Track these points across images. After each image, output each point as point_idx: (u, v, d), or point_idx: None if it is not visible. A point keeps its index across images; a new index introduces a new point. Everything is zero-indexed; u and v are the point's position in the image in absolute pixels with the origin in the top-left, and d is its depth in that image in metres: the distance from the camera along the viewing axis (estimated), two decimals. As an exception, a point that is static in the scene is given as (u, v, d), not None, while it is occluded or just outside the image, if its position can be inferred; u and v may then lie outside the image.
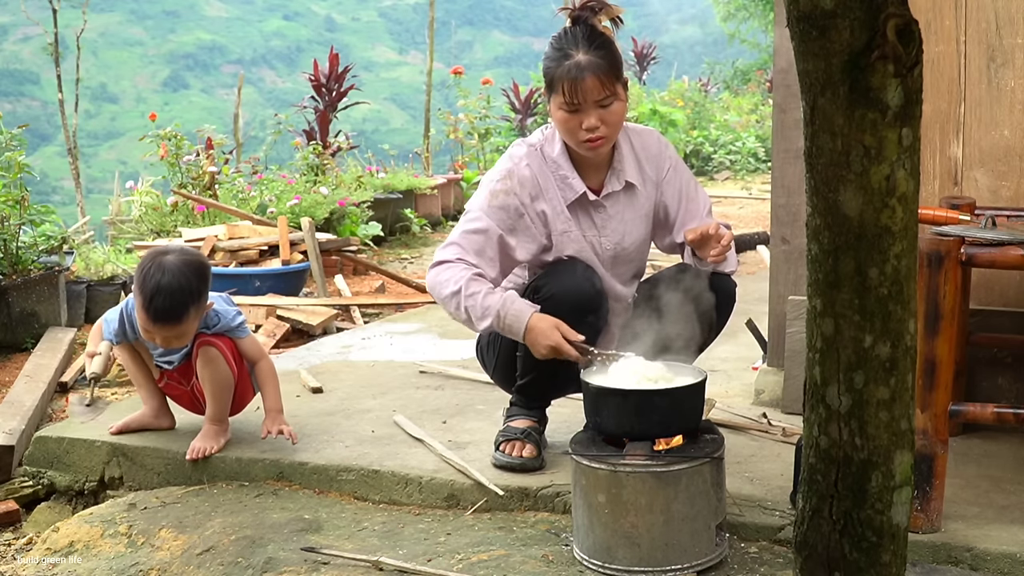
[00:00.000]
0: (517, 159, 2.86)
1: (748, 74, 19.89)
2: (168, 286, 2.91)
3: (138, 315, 2.99)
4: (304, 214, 7.12)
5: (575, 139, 2.78)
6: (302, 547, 2.54)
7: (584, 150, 2.80)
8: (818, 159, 1.43)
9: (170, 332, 2.97)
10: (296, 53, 44.30)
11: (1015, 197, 3.00)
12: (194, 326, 3.02)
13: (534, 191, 2.83)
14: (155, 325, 2.95)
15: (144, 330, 3.00)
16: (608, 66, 2.73)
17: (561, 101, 2.74)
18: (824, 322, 1.49)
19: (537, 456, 2.88)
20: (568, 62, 2.73)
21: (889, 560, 1.53)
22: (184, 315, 2.95)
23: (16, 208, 5.33)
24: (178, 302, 2.92)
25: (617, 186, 2.89)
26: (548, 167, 2.86)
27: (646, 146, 2.94)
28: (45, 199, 9.95)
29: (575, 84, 2.71)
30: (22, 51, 38.45)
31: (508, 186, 2.82)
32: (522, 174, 2.84)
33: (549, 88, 2.79)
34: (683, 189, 2.95)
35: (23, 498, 3.31)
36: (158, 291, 2.90)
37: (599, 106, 2.73)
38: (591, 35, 2.76)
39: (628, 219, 2.92)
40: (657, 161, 2.94)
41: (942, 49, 3.03)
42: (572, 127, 2.76)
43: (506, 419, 2.98)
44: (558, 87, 2.74)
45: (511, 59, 46.18)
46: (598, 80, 2.71)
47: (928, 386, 2.41)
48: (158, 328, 2.95)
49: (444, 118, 12.03)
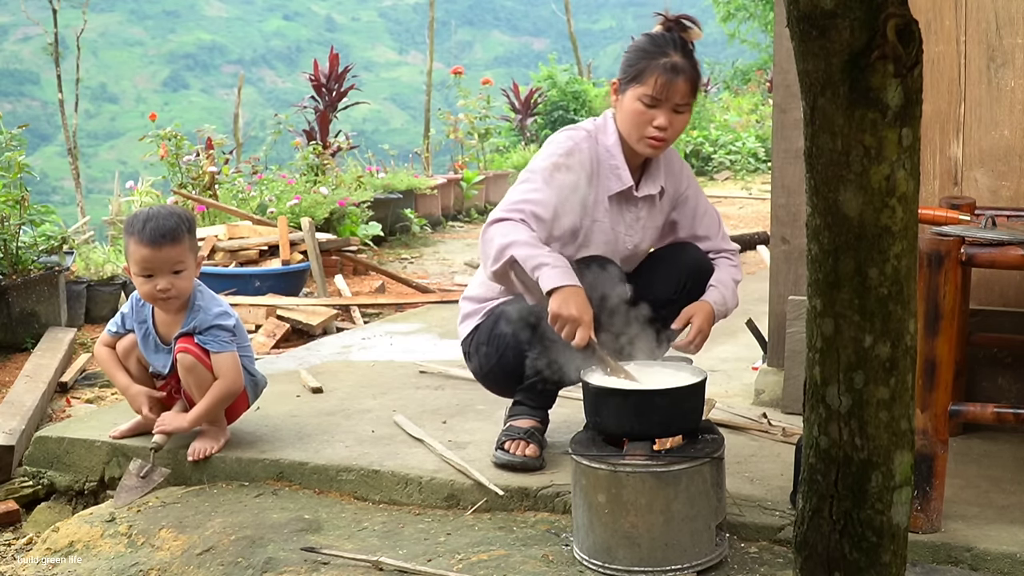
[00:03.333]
0: (578, 139, 2.90)
1: (748, 74, 19.91)
2: (158, 212, 2.99)
3: (134, 256, 2.95)
4: (304, 214, 7.12)
5: (640, 133, 2.83)
6: (302, 547, 2.54)
7: (642, 147, 2.86)
8: (818, 159, 1.43)
9: (170, 255, 2.94)
10: (296, 53, 44.34)
11: (1015, 197, 3.00)
12: (192, 263, 3.01)
13: (589, 174, 2.88)
14: (152, 247, 2.92)
15: (143, 267, 2.95)
16: (697, 77, 2.84)
17: (644, 93, 2.80)
18: (824, 322, 1.49)
19: (539, 456, 2.89)
20: (666, 59, 2.79)
21: (889, 560, 1.53)
22: (180, 235, 2.95)
23: (16, 208, 5.33)
24: (171, 223, 2.95)
25: (653, 189, 2.96)
26: (601, 154, 2.91)
27: (670, 162, 3.04)
28: (45, 199, 9.96)
29: (668, 82, 2.78)
30: (22, 51, 38.47)
31: (570, 162, 2.85)
32: (583, 155, 2.88)
33: (633, 78, 2.82)
34: (697, 208, 3.05)
35: (23, 498, 3.31)
36: (149, 217, 2.96)
37: (675, 110, 2.81)
38: (686, 46, 2.85)
39: (649, 225, 3.01)
40: (677, 178, 3.03)
41: (942, 49, 3.04)
42: (643, 121, 2.82)
43: (509, 418, 2.99)
44: (648, 79, 2.79)
45: (511, 59, 46.21)
46: (688, 86, 2.80)
47: (928, 386, 2.41)
48: (155, 251, 2.92)
49: (444, 118, 12.04)
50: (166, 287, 2.97)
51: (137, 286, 3.03)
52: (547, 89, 14.42)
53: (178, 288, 2.99)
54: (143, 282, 2.98)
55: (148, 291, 2.99)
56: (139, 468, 3.02)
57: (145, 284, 2.98)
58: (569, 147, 2.86)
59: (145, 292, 3.00)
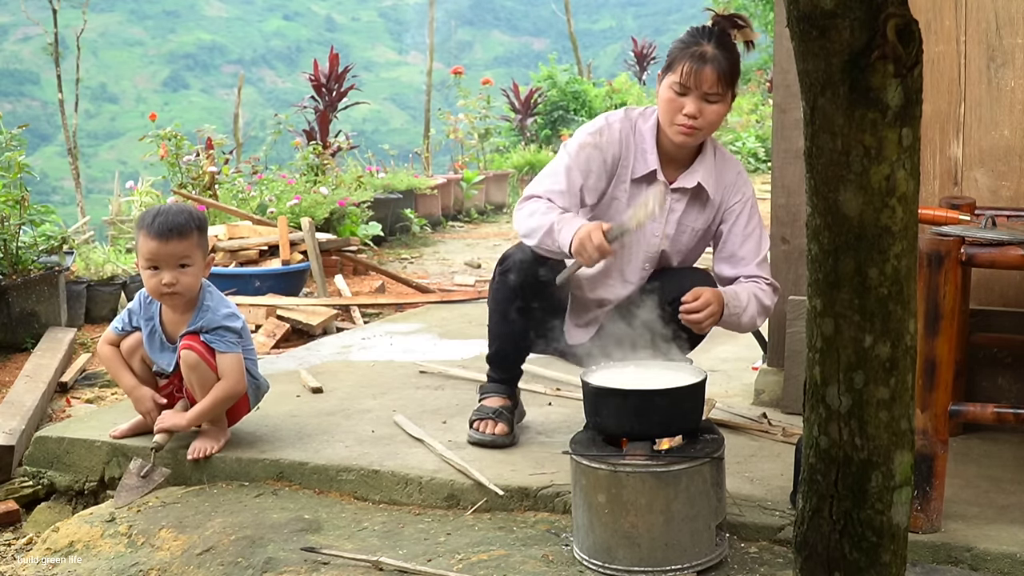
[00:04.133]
0: (612, 120, 3.02)
1: (748, 74, 19.86)
2: (169, 208, 3.04)
3: (142, 249, 2.99)
4: (304, 214, 7.12)
5: (670, 120, 2.90)
6: (302, 547, 2.54)
7: (674, 134, 2.91)
8: (818, 159, 1.43)
9: (176, 250, 2.96)
10: (296, 53, 44.34)
11: (1015, 197, 3.00)
12: (200, 260, 3.03)
13: (616, 152, 2.98)
14: (159, 240, 2.95)
15: (150, 260, 2.97)
16: (728, 67, 2.87)
17: (674, 81, 2.87)
18: (824, 322, 1.49)
19: (509, 434, 3.07)
20: (695, 48, 2.87)
21: (889, 560, 1.53)
22: (189, 231, 2.98)
23: (16, 208, 5.33)
24: (181, 218, 2.99)
25: (689, 183, 2.98)
26: (635, 137, 2.99)
27: (725, 171, 3.03)
28: (45, 199, 9.95)
29: (695, 69, 2.84)
30: (22, 51, 38.47)
31: (597, 140, 2.97)
32: (612, 134, 2.98)
33: (668, 67, 2.91)
34: (745, 228, 3.00)
35: (23, 498, 3.31)
36: (160, 212, 3.01)
37: (705, 99, 2.86)
38: (723, 38, 2.90)
39: (685, 223, 3.01)
40: (729, 191, 3.03)
41: (942, 49, 3.04)
42: (673, 108, 2.88)
43: (480, 398, 3.16)
44: (677, 67, 2.87)
45: (511, 59, 46.21)
46: (715, 74, 2.84)
47: (928, 386, 2.41)
48: (162, 245, 2.95)
49: (444, 118, 12.05)
50: (171, 281, 2.98)
51: (144, 280, 3.04)
52: (547, 89, 14.42)
53: (183, 284, 3.00)
54: (150, 275, 3.00)
55: (154, 285, 3.00)
56: (139, 468, 3.02)
57: (151, 278, 3.00)
58: (600, 126, 3.01)
59: (151, 286, 3.01)
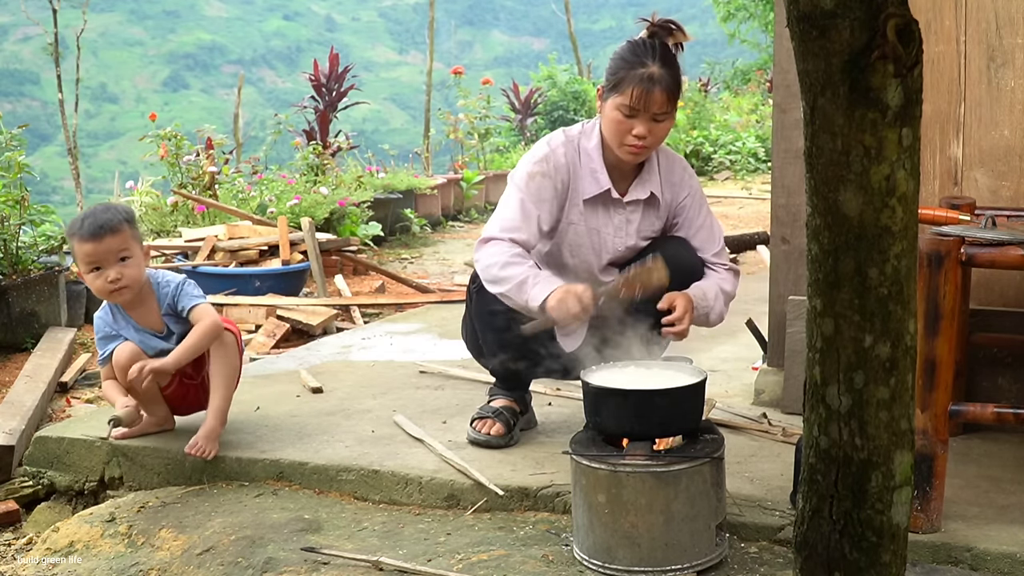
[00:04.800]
0: (554, 146, 3.00)
1: (748, 74, 19.90)
2: (95, 209, 3.04)
3: (79, 254, 2.97)
4: (304, 214, 7.12)
5: (619, 141, 2.89)
6: (302, 547, 2.54)
7: (623, 154, 2.92)
8: (818, 159, 1.43)
9: (112, 245, 2.94)
10: (296, 53, 44.34)
11: (1015, 197, 3.00)
12: (138, 252, 3.02)
13: (565, 178, 2.98)
14: (94, 240, 2.93)
15: (90, 261, 2.96)
16: (675, 85, 2.87)
17: (622, 103, 2.84)
18: (824, 322, 1.49)
19: (505, 435, 3.06)
20: (643, 70, 2.83)
21: (889, 560, 1.53)
22: (119, 226, 2.96)
23: (16, 208, 5.33)
24: (108, 215, 2.98)
25: (642, 195, 3.01)
26: (582, 158, 2.99)
27: (671, 169, 3.07)
28: (45, 199, 9.95)
29: (645, 93, 2.82)
30: (22, 51, 38.47)
31: (544, 168, 2.96)
32: (558, 160, 2.97)
33: (614, 88, 2.87)
34: (695, 220, 3.07)
35: (23, 498, 3.31)
36: (87, 215, 3.00)
37: (654, 119, 2.85)
38: (666, 53, 2.88)
39: (644, 229, 3.06)
40: (677, 188, 3.07)
41: (942, 49, 3.04)
42: (622, 130, 2.87)
43: (488, 399, 3.17)
44: (626, 89, 2.83)
45: (511, 59, 46.21)
46: (665, 96, 2.84)
47: (928, 386, 2.41)
48: (98, 244, 2.93)
49: (444, 118, 12.04)
50: (116, 276, 2.97)
51: (90, 285, 3.02)
52: (547, 89, 14.42)
53: (128, 276, 2.99)
54: (94, 277, 2.98)
55: (101, 285, 2.99)
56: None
57: (96, 279, 2.98)
58: (544, 153, 2.98)
59: (98, 287, 3.00)
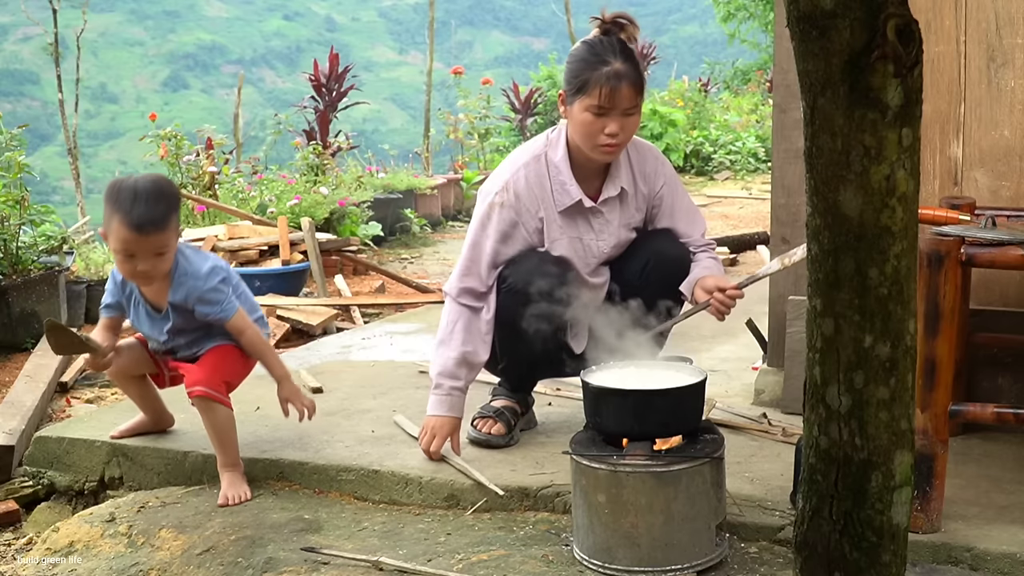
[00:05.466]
0: (515, 170, 2.99)
1: (748, 74, 19.89)
2: (146, 192, 2.80)
3: (117, 235, 2.80)
4: (304, 214, 7.12)
5: (592, 142, 2.88)
6: (302, 547, 2.54)
7: (598, 154, 2.91)
8: (818, 159, 1.43)
9: (154, 243, 2.80)
10: (296, 53, 44.31)
11: (1015, 197, 3.00)
12: (175, 242, 2.89)
13: (529, 202, 2.96)
14: (138, 233, 2.77)
15: (125, 249, 2.80)
16: (639, 79, 2.87)
17: (591, 104, 2.83)
18: (824, 322, 1.49)
19: (505, 435, 3.06)
20: (607, 68, 2.82)
21: (889, 560, 1.53)
22: (167, 222, 2.82)
23: (16, 208, 5.33)
24: (160, 210, 2.81)
25: (613, 192, 3.02)
26: (550, 172, 2.97)
27: (643, 160, 3.07)
28: (45, 199, 9.94)
29: (612, 90, 2.81)
30: (22, 51, 38.45)
31: (504, 198, 2.96)
32: (518, 187, 2.97)
33: (579, 90, 2.86)
34: (675, 206, 3.09)
35: (23, 498, 3.31)
36: (137, 197, 2.78)
37: (624, 114, 2.85)
38: (624, 48, 2.87)
39: (622, 225, 3.07)
40: (652, 178, 3.07)
41: (942, 49, 3.03)
42: (594, 131, 2.86)
43: (490, 398, 3.17)
44: (592, 90, 2.82)
45: (511, 59, 46.19)
46: (632, 90, 2.83)
47: (928, 386, 2.41)
48: (140, 238, 2.78)
49: (444, 118, 12.04)
50: (147, 269, 2.85)
51: (116, 263, 2.90)
52: (547, 89, 14.41)
53: (158, 270, 2.87)
54: (123, 260, 2.85)
55: (128, 271, 2.88)
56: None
57: (125, 263, 2.85)
58: (504, 183, 2.97)
59: (125, 271, 2.89)
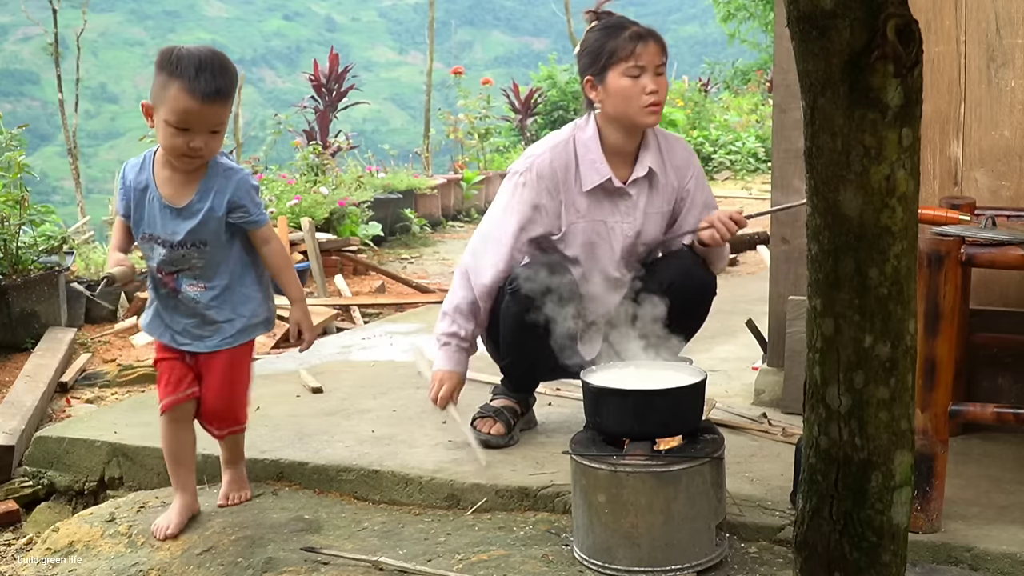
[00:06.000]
0: (541, 151, 3.03)
1: (748, 74, 19.88)
2: (210, 59, 2.53)
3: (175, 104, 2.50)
4: (304, 214, 7.12)
5: (636, 105, 2.92)
6: (302, 547, 2.54)
7: (643, 117, 2.94)
8: (818, 159, 1.43)
9: (217, 115, 2.55)
10: (296, 53, 44.33)
11: (1015, 197, 3.00)
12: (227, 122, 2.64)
13: (552, 185, 2.99)
14: (203, 102, 2.49)
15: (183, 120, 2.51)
16: (660, 37, 2.96)
17: (626, 67, 2.90)
18: (824, 322, 1.49)
19: (505, 435, 3.07)
20: (628, 31, 2.91)
21: (889, 560, 1.53)
22: (232, 94, 2.59)
23: (16, 208, 5.33)
24: (227, 79, 2.55)
25: (641, 172, 3.04)
26: (578, 152, 3.00)
27: (672, 151, 3.10)
28: (45, 199, 9.93)
29: (642, 47, 2.89)
30: (22, 51, 38.46)
31: (527, 178, 2.99)
32: (541, 168, 3.00)
33: (608, 61, 2.92)
34: (697, 198, 3.12)
35: (23, 498, 3.31)
36: (202, 63, 2.50)
37: (656, 73, 2.91)
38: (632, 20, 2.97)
39: (649, 212, 3.07)
40: (682, 170, 3.10)
41: (942, 49, 3.03)
42: (635, 93, 2.91)
43: (491, 397, 3.18)
44: (621, 54, 2.89)
45: (511, 59, 46.20)
46: (658, 46, 2.92)
47: (928, 386, 2.41)
48: (205, 108, 2.50)
49: (444, 118, 12.03)
50: (200, 146, 2.55)
51: (162, 137, 2.56)
52: (547, 89, 14.41)
53: (210, 149, 2.59)
54: (174, 134, 2.53)
55: (179, 145, 2.54)
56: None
57: (176, 137, 2.53)
58: (528, 164, 3.01)
59: (174, 145, 2.55)
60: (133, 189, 2.67)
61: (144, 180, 2.66)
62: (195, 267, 2.68)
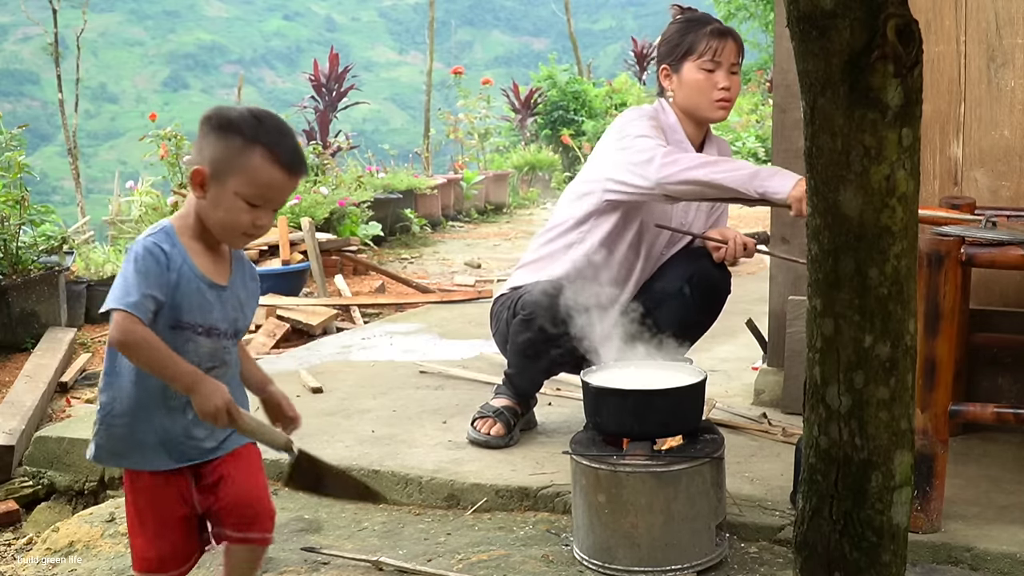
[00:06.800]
0: (653, 113, 3.04)
1: (748, 74, 19.87)
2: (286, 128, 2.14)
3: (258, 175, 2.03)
4: (304, 214, 7.12)
5: (708, 99, 2.98)
6: (302, 547, 2.54)
7: (714, 111, 3.00)
8: (818, 159, 1.43)
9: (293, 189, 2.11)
10: (296, 53, 44.35)
11: (1015, 197, 3.00)
12: None
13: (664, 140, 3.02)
14: (291, 175, 2.05)
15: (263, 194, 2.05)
16: (740, 39, 3.03)
17: (703, 61, 2.96)
18: (824, 322, 1.49)
19: (505, 436, 3.07)
20: (711, 26, 2.97)
21: (889, 560, 1.53)
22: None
23: (16, 208, 5.33)
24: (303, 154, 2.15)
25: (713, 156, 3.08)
26: (667, 132, 3.04)
27: (722, 150, 3.17)
28: (45, 199, 9.94)
29: (721, 44, 2.95)
30: (22, 51, 38.47)
31: (655, 124, 3.00)
32: (659, 120, 3.04)
33: (686, 53, 2.98)
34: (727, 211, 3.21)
35: (23, 498, 3.32)
36: (284, 131, 2.11)
37: (731, 71, 2.98)
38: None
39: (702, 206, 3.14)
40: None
41: (942, 49, 3.03)
42: (708, 87, 2.97)
43: (491, 397, 3.17)
44: (699, 47, 2.96)
45: (511, 59, 46.22)
46: (736, 47, 2.99)
47: (928, 386, 2.41)
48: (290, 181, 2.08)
49: (444, 118, 12.05)
50: (267, 224, 2.11)
51: (230, 213, 2.06)
52: (547, 89, 14.42)
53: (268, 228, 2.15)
54: (244, 210, 2.05)
55: (246, 222, 2.06)
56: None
57: (246, 214, 2.06)
58: (651, 112, 3.04)
59: (239, 222, 2.06)
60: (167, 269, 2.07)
61: (179, 258, 2.09)
62: (227, 362, 2.14)
